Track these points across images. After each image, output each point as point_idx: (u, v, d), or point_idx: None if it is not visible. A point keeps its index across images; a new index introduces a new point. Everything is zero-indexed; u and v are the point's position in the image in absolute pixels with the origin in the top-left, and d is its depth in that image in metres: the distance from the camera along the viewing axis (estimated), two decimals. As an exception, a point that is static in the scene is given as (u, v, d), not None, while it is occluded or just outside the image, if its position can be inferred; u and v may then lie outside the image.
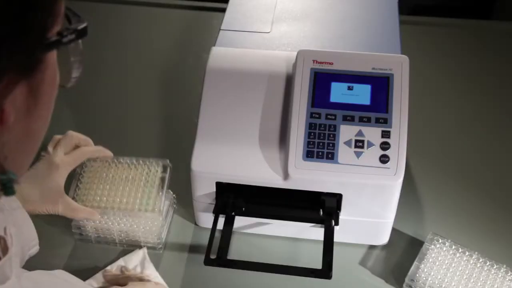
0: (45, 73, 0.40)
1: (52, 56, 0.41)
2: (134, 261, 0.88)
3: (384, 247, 0.93)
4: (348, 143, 0.83)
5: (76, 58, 0.44)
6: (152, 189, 0.91)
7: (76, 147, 0.88)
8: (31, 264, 0.75)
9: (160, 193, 0.91)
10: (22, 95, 0.39)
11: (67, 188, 0.88)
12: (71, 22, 0.42)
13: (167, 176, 0.93)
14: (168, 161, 0.94)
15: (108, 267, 0.88)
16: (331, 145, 0.83)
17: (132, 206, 0.89)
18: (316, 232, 0.89)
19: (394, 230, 0.92)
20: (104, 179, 0.92)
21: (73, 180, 0.92)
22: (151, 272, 0.87)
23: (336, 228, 0.86)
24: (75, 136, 0.88)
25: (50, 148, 0.86)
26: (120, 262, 0.88)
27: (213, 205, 0.90)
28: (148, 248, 0.91)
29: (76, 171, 0.92)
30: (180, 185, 0.99)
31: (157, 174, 0.93)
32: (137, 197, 0.90)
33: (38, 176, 0.84)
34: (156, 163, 0.94)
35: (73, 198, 0.89)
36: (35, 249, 0.79)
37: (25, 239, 0.77)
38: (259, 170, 0.85)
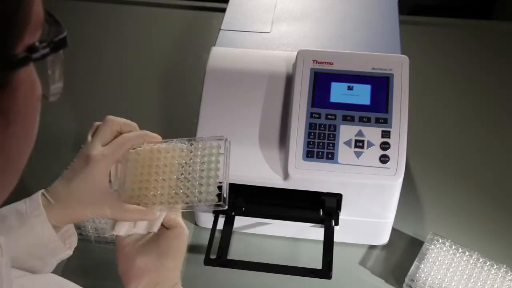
0: (17, 91, 0.36)
1: (26, 70, 0.36)
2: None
3: (384, 247, 0.93)
4: (348, 143, 0.83)
5: (55, 70, 0.39)
6: (211, 173, 0.73)
7: (119, 134, 0.73)
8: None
9: (221, 177, 0.73)
10: None
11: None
12: (50, 31, 0.38)
13: (226, 155, 0.74)
14: (225, 137, 0.75)
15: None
16: (331, 145, 0.83)
17: (192, 198, 0.73)
18: (316, 232, 0.89)
19: (394, 230, 0.92)
20: (153, 168, 0.74)
21: (116, 173, 0.75)
22: None
23: (336, 228, 0.86)
24: (115, 121, 0.72)
25: (88, 138, 0.72)
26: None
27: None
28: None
29: (118, 162, 0.75)
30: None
31: (214, 155, 0.74)
32: (195, 186, 0.73)
33: (75, 175, 0.69)
34: (211, 142, 0.75)
35: (119, 196, 0.73)
36: (65, 254, 0.72)
37: (49, 250, 0.69)
38: (259, 170, 0.85)
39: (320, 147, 0.83)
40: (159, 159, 0.74)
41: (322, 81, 0.86)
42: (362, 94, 0.85)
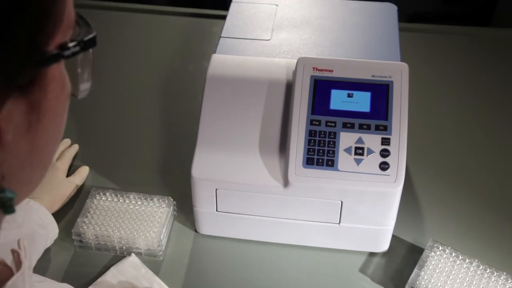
0: (48, 87, 0.37)
1: (57, 68, 0.38)
2: (127, 269, 0.88)
3: (384, 254, 0.93)
4: (348, 150, 0.83)
5: (84, 69, 0.41)
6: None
7: None
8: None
9: None
10: (20, 111, 0.36)
11: None
12: (80, 31, 0.39)
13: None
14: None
15: (101, 278, 0.87)
16: (331, 152, 0.83)
17: None
18: (316, 239, 0.89)
19: (394, 237, 0.92)
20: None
21: None
22: (150, 276, 0.87)
23: (336, 235, 0.86)
24: None
25: None
26: (113, 271, 0.88)
27: (213, 212, 0.90)
28: (148, 255, 0.91)
29: None
30: (180, 192, 0.99)
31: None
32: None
33: None
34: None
35: None
36: (54, 237, 0.90)
37: (49, 236, 0.88)
38: (259, 177, 0.85)
39: (320, 154, 0.83)
40: None
41: (322, 88, 0.87)
42: (362, 102, 0.85)
